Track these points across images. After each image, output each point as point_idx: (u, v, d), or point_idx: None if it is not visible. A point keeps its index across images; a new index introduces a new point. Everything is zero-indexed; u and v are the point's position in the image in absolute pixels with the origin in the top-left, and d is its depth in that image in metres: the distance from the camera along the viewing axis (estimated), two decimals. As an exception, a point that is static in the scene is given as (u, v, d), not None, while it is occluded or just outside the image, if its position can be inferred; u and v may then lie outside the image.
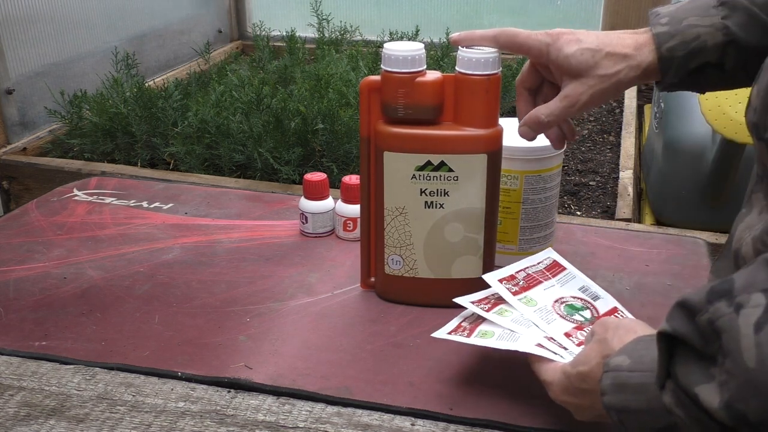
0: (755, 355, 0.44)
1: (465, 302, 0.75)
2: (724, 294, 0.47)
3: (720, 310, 0.47)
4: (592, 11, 2.64)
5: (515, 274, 0.77)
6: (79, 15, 2.13)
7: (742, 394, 0.45)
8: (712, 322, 0.47)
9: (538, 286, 0.76)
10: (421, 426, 0.69)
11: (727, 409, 0.46)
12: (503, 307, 0.73)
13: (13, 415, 0.70)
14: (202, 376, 0.75)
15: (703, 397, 0.48)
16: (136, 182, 1.24)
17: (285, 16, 2.81)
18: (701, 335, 0.48)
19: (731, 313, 0.46)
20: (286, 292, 0.90)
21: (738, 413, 0.46)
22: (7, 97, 1.89)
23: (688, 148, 1.61)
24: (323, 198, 1.03)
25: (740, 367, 0.45)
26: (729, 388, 0.46)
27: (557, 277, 0.78)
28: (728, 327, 0.46)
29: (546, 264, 0.79)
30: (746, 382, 0.45)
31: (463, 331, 0.72)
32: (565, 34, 0.74)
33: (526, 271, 0.78)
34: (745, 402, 0.45)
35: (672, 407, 0.51)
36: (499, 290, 0.74)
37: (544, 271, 0.78)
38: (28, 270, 0.95)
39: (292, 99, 1.83)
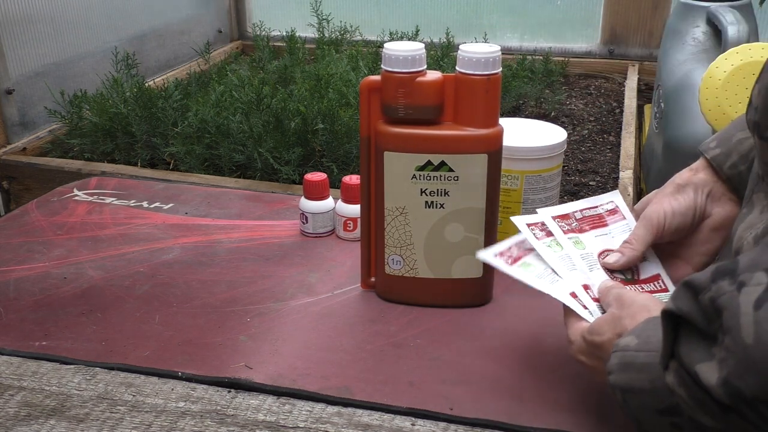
0: (753, 332, 0.45)
1: (520, 223, 0.74)
2: (728, 273, 0.48)
3: (722, 289, 0.48)
4: (592, 11, 2.64)
5: (571, 214, 0.76)
6: (79, 15, 2.13)
7: (739, 370, 0.46)
8: (714, 300, 0.48)
9: (590, 231, 0.75)
10: (421, 426, 0.69)
11: (724, 385, 0.47)
12: (554, 240, 0.73)
13: (13, 415, 0.70)
14: (202, 376, 0.75)
15: (702, 375, 0.48)
16: (136, 182, 1.23)
17: (285, 16, 2.81)
18: (704, 314, 0.49)
19: (733, 291, 0.47)
20: (287, 292, 0.90)
21: (735, 390, 0.46)
22: (7, 97, 1.89)
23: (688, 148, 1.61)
24: (323, 198, 1.03)
25: (738, 343, 0.46)
26: (727, 365, 0.47)
27: (612, 225, 0.77)
28: (729, 304, 0.47)
29: (606, 208, 0.78)
30: (743, 358, 0.45)
31: (509, 258, 0.72)
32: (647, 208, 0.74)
33: (583, 212, 0.77)
34: (742, 378, 0.46)
35: (674, 387, 0.51)
36: (551, 227, 0.74)
37: (602, 215, 0.77)
38: (28, 270, 0.95)
39: (292, 99, 1.83)
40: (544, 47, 2.65)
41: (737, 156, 0.71)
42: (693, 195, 0.72)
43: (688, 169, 0.74)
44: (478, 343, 0.81)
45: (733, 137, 0.72)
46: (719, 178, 0.72)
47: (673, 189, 0.73)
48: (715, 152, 0.72)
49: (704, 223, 0.73)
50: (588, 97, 2.44)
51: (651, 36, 2.57)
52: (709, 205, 0.73)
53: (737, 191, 0.72)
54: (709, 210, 0.73)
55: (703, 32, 1.81)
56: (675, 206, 0.72)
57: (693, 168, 0.74)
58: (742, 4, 1.76)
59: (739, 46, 1.31)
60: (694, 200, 0.72)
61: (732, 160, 0.71)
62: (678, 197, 0.72)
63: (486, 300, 0.89)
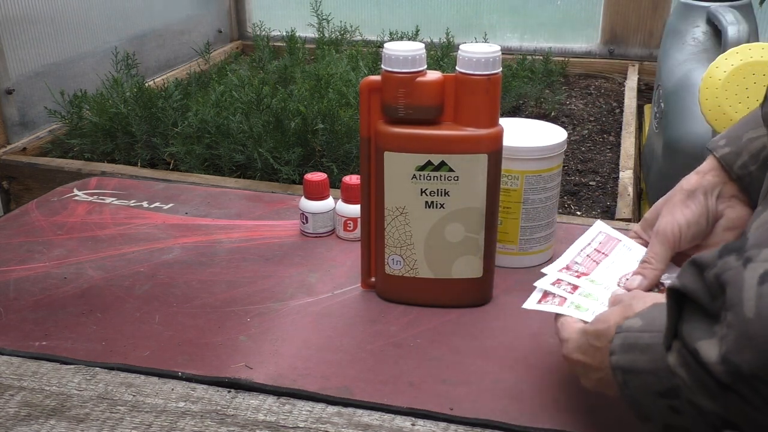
0: (755, 305, 0.44)
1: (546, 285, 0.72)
2: (735, 249, 0.48)
3: (728, 264, 0.47)
4: (592, 11, 2.64)
5: (571, 262, 0.75)
6: (79, 15, 2.13)
7: (738, 346, 0.45)
8: (719, 276, 0.47)
9: (597, 267, 0.74)
10: (421, 426, 0.69)
11: (723, 362, 0.46)
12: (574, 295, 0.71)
13: (13, 415, 0.70)
14: (202, 376, 0.75)
15: (702, 352, 0.48)
16: (136, 182, 1.23)
17: (285, 16, 2.81)
18: (708, 291, 0.49)
19: (739, 266, 0.47)
20: (287, 292, 0.90)
21: (733, 366, 0.46)
22: (7, 97, 1.89)
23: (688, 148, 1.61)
24: (323, 198, 1.03)
25: (739, 318, 0.45)
26: (727, 341, 0.46)
27: (612, 254, 0.75)
28: (734, 279, 0.46)
29: (599, 241, 0.77)
30: (743, 333, 0.45)
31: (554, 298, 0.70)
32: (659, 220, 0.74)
33: (581, 255, 0.75)
34: (741, 354, 0.45)
35: (675, 368, 0.51)
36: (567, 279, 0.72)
37: (598, 249, 0.76)
38: (28, 270, 0.95)
39: (292, 99, 1.83)
40: (544, 47, 2.65)
41: (747, 155, 0.70)
42: (704, 200, 0.71)
43: (695, 172, 0.73)
44: (478, 343, 0.81)
45: (743, 136, 0.71)
46: (729, 178, 0.71)
47: (683, 196, 0.72)
48: (724, 151, 0.71)
49: (717, 224, 0.72)
50: (588, 97, 2.44)
51: (651, 36, 2.57)
52: (720, 206, 0.72)
53: (747, 191, 0.71)
54: (721, 211, 0.72)
55: (703, 32, 1.81)
56: (688, 216, 0.71)
57: (701, 171, 0.73)
58: (742, 4, 1.76)
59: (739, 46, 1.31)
60: (705, 205, 0.71)
61: (742, 160, 0.70)
62: (689, 204, 0.71)
63: (486, 300, 0.89)
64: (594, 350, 0.62)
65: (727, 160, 0.71)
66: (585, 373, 0.64)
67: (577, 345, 0.64)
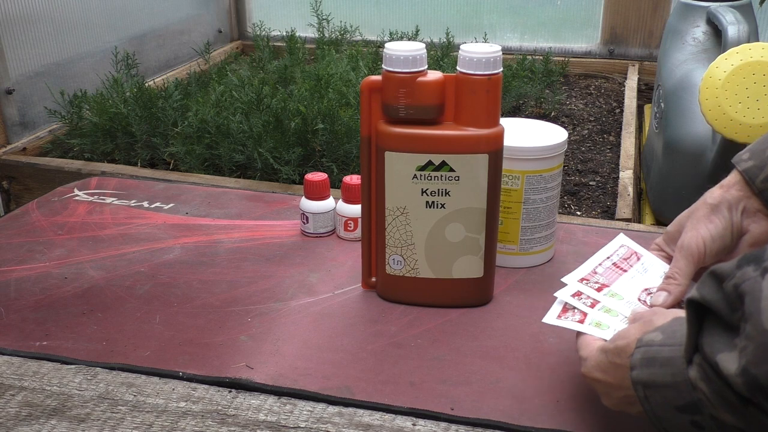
0: None
1: (566, 297, 0.71)
2: (753, 259, 0.47)
3: (747, 274, 0.47)
4: (592, 11, 2.64)
5: (592, 272, 0.74)
6: (79, 15, 2.13)
7: (757, 357, 0.45)
8: (738, 286, 0.47)
9: (618, 281, 0.73)
10: (422, 426, 0.69)
11: (743, 374, 0.45)
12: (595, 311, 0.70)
13: (14, 415, 0.70)
14: (203, 376, 0.75)
15: (722, 365, 0.47)
16: (136, 182, 1.24)
17: (285, 16, 2.81)
18: (727, 302, 0.48)
19: (757, 276, 0.46)
20: (287, 292, 0.90)
21: (752, 379, 0.45)
22: (7, 97, 1.89)
23: (688, 148, 1.61)
24: (324, 198, 1.03)
25: (758, 329, 0.44)
26: (746, 354, 0.45)
27: (632, 269, 0.74)
28: (751, 290, 0.46)
29: (620, 254, 0.76)
30: (761, 344, 0.44)
31: (574, 314, 0.69)
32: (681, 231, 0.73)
33: (603, 265, 0.74)
34: (760, 366, 0.44)
35: (696, 381, 0.50)
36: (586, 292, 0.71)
37: (617, 263, 0.75)
38: (28, 270, 0.95)
39: (292, 99, 1.83)
40: (544, 47, 2.65)
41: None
42: (728, 214, 0.70)
43: (719, 186, 0.72)
44: (478, 343, 0.81)
45: (767, 150, 0.70)
46: (752, 192, 0.70)
47: (708, 210, 0.70)
48: (747, 164, 0.70)
49: (742, 239, 0.71)
50: (588, 97, 2.44)
51: (651, 36, 2.57)
52: (745, 221, 0.70)
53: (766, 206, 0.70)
54: (746, 227, 0.70)
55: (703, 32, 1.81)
56: (713, 231, 0.70)
57: (724, 184, 0.71)
58: (742, 4, 1.76)
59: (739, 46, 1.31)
60: (729, 220, 0.70)
61: (765, 174, 0.69)
62: (713, 219, 0.70)
63: (486, 300, 0.89)
64: (615, 368, 0.60)
65: (750, 174, 0.70)
66: (606, 392, 0.63)
67: (596, 363, 0.63)
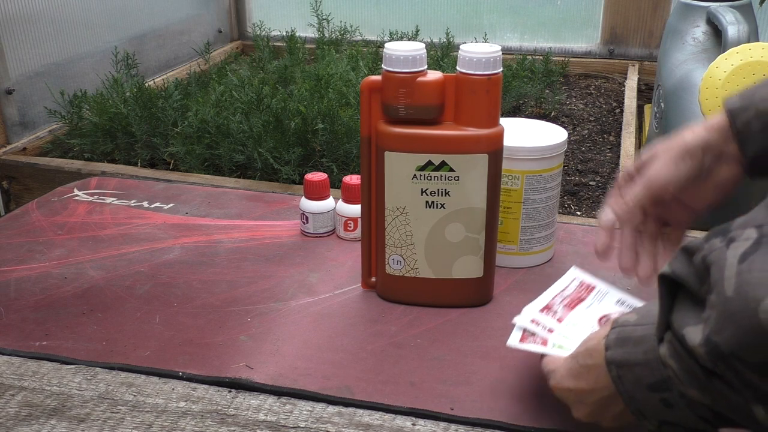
0: (734, 283, 0.44)
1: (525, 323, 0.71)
2: (721, 232, 0.48)
3: (714, 245, 0.47)
4: (592, 11, 2.64)
5: (551, 302, 0.74)
6: (79, 15, 2.13)
7: (719, 325, 0.45)
8: (705, 257, 0.47)
9: (575, 309, 0.73)
10: (422, 426, 0.69)
11: (706, 344, 0.46)
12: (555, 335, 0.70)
13: (14, 415, 0.70)
14: (203, 376, 0.75)
15: (688, 337, 0.48)
16: (136, 182, 1.24)
17: (285, 16, 2.81)
18: (697, 274, 0.48)
19: (722, 246, 0.47)
20: (287, 292, 0.90)
21: (715, 347, 0.45)
22: (7, 97, 1.89)
23: (688, 148, 1.61)
24: (324, 198, 1.03)
25: (720, 297, 0.45)
26: (710, 323, 0.46)
27: (588, 298, 0.75)
28: (717, 259, 0.46)
29: (574, 287, 0.77)
30: (723, 312, 0.45)
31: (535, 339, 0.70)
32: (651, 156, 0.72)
33: (560, 296, 0.75)
34: (720, 333, 0.45)
35: (666, 358, 0.51)
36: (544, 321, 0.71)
37: (573, 294, 0.76)
38: (28, 270, 0.95)
39: (292, 99, 1.83)
40: (544, 47, 2.65)
41: (754, 112, 0.68)
42: (701, 157, 0.69)
43: (703, 125, 0.71)
44: (478, 343, 0.81)
45: (756, 93, 0.69)
46: (732, 133, 0.69)
47: (682, 151, 0.70)
48: (734, 104, 0.69)
49: (708, 180, 0.70)
50: (588, 97, 2.44)
51: (651, 36, 2.57)
52: (716, 166, 0.70)
53: (744, 150, 0.69)
54: (716, 171, 0.70)
55: (703, 32, 1.81)
56: (682, 171, 0.70)
57: (708, 126, 0.70)
58: (742, 4, 1.76)
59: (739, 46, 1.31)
60: (701, 163, 0.70)
61: (747, 115, 0.68)
62: (687, 160, 0.70)
63: (486, 300, 0.89)
64: (587, 370, 0.60)
65: (733, 114, 0.69)
66: (579, 400, 0.62)
67: (567, 370, 0.62)
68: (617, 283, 0.92)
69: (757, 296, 0.43)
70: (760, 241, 0.45)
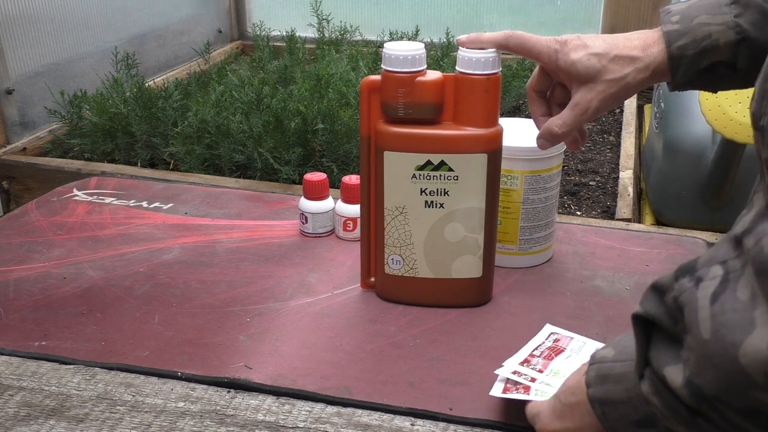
0: (710, 326, 0.44)
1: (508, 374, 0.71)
2: (688, 270, 0.47)
3: (683, 286, 0.47)
4: (592, 11, 2.64)
5: (530, 356, 0.74)
6: (79, 15, 2.13)
7: (699, 368, 0.45)
8: (677, 298, 0.47)
9: (557, 358, 0.73)
10: (420, 426, 0.69)
11: (688, 386, 0.46)
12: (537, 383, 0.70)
13: (13, 415, 0.70)
14: (201, 376, 0.75)
15: (669, 378, 0.47)
16: (136, 182, 1.23)
17: (285, 16, 2.81)
18: (670, 315, 0.48)
19: (692, 287, 0.46)
20: (286, 292, 0.90)
21: (696, 389, 0.45)
22: (7, 97, 1.89)
23: (688, 148, 1.61)
24: (323, 198, 1.03)
25: (697, 340, 0.45)
26: (689, 365, 0.46)
27: (568, 348, 0.75)
28: (689, 301, 0.46)
29: (552, 339, 0.77)
30: (702, 355, 0.44)
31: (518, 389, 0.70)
32: (573, 40, 0.74)
33: (539, 349, 0.75)
34: (702, 376, 0.45)
35: (649, 395, 0.50)
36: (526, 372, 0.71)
37: (552, 347, 0.76)
38: (28, 270, 0.95)
39: (292, 99, 1.83)
40: (544, 47, 2.65)
41: (690, 38, 0.69)
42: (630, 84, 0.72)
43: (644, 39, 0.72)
44: (477, 343, 0.81)
45: (696, 18, 0.69)
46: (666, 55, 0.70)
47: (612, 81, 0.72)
48: (673, 27, 0.70)
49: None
50: (588, 97, 2.44)
51: (651, 36, 2.57)
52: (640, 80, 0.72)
53: (675, 74, 0.71)
54: (638, 86, 0.72)
55: (703, 32, 1.81)
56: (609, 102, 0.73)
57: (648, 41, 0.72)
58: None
59: (739, 46, 1.31)
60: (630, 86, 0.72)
61: (684, 41, 0.69)
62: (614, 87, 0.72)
63: (486, 300, 0.89)
64: (571, 408, 0.59)
65: (670, 37, 0.70)
66: None
67: (551, 411, 0.62)
68: (616, 283, 0.93)
69: (734, 341, 0.42)
70: (726, 278, 0.45)
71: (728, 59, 0.69)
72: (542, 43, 0.75)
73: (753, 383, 0.42)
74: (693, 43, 0.69)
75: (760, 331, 0.41)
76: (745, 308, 0.43)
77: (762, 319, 0.42)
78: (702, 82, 0.72)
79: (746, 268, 0.44)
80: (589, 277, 0.94)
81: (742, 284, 0.43)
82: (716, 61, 0.69)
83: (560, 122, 0.75)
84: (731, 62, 0.69)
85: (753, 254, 0.43)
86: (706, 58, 0.69)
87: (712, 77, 0.70)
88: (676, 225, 1.59)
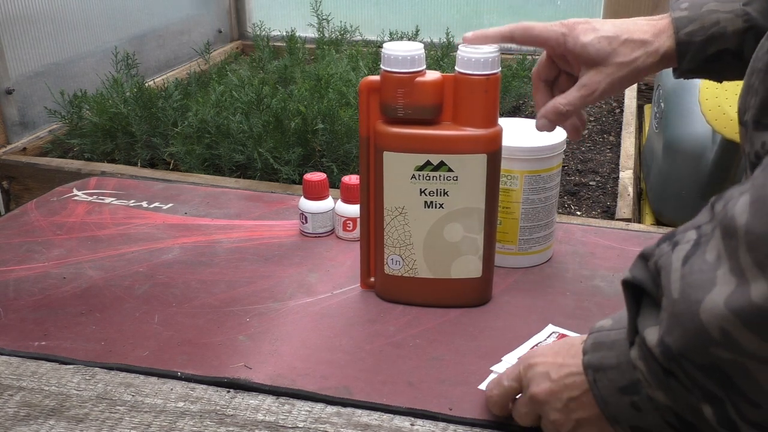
0: (679, 286, 0.46)
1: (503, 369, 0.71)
2: (669, 236, 0.50)
3: (662, 250, 0.49)
4: (592, 11, 2.64)
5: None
6: (79, 15, 2.13)
7: (669, 326, 0.47)
8: (657, 262, 0.49)
9: None
10: (420, 426, 0.69)
11: (660, 344, 0.47)
12: None
13: (12, 415, 0.70)
14: (201, 376, 0.75)
15: (648, 338, 0.49)
16: (135, 182, 1.24)
17: (285, 16, 2.81)
18: (652, 279, 0.50)
19: (669, 251, 0.48)
20: (286, 292, 0.90)
21: (667, 348, 0.47)
22: (7, 97, 1.89)
23: (688, 148, 1.61)
24: (323, 198, 1.03)
25: (669, 299, 0.46)
26: (662, 325, 0.47)
27: None
28: (665, 264, 0.48)
29: (553, 338, 0.77)
30: (671, 313, 0.46)
31: None
32: (581, 23, 0.74)
33: (539, 346, 0.75)
34: (670, 334, 0.46)
35: (635, 361, 0.51)
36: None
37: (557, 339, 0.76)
38: (27, 270, 0.95)
39: (292, 99, 1.83)
40: (544, 47, 2.65)
41: (699, 25, 0.69)
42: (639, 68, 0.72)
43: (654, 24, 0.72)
44: (477, 343, 0.81)
45: (705, 5, 0.70)
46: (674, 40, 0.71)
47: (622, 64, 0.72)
48: (682, 14, 0.70)
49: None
50: (588, 97, 2.44)
51: (651, 36, 2.57)
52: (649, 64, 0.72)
53: (681, 60, 0.71)
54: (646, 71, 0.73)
55: (703, 32, 1.81)
56: (616, 85, 0.73)
57: (658, 26, 0.72)
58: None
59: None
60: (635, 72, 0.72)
61: (692, 27, 0.69)
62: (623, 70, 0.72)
63: (485, 300, 0.89)
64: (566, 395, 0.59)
65: (678, 24, 0.70)
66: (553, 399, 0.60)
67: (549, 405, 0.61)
68: (615, 283, 0.93)
69: (697, 298, 0.44)
70: (698, 241, 0.47)
71: (735, 47, 0.69)
72: (548, 28, 0.75)
73: (711, 339, 0.44)
74: (701, 30, 0.69)
75: (720, 288, 0.43)
76: (710, 268, 0.44)
77: (723, 278, 0.43)
78: (708, 70, 0.72)
79: (715, 231, 0.46)
80: (589, 277, 0.94)
81: (711, 246, 0.45)
82: (723, 49, 0.69)
83: (565, 101, 0.75)
84: (738, 50, 0.69)
85: (720, 217, 0.45)
86: (713, 46, 0.69)
87: (718, 65, 0.71)
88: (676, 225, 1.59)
